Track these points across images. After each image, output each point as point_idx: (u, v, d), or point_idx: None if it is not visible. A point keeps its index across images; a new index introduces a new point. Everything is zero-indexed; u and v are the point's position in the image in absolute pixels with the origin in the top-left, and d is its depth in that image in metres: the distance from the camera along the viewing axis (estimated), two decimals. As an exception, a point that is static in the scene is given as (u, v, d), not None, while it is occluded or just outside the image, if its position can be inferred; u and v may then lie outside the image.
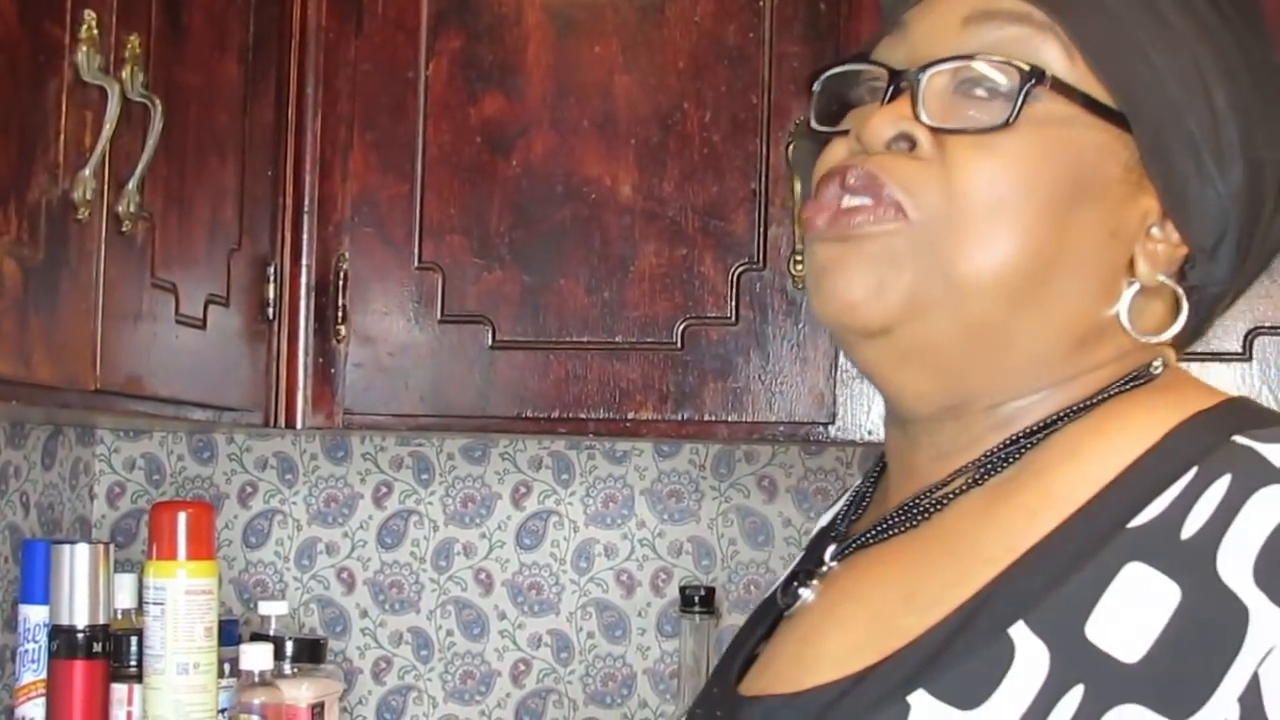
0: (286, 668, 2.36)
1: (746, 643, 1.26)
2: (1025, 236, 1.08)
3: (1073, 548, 1.02)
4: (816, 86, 1.20)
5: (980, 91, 1.10)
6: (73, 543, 2.13)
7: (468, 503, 2.73)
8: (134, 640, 2.15)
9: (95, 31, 1.68)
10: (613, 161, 2.19)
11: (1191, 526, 0.98)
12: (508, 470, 2.72)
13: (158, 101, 1.78)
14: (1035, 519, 1.06)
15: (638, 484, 2.69)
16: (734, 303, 2.15)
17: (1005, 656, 1.00)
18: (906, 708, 1.01)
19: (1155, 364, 1.14)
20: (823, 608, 1.17)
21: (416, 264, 2.25)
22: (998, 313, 1.09)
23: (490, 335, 2.22)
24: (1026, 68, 1.08)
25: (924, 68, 1.11)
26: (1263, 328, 1.99)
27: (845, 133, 1.15)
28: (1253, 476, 0.99)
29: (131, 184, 1.76)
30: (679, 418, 2.17)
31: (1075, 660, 0.98)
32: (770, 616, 1.26)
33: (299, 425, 2.27)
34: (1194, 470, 1.01)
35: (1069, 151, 1.09)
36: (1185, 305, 1.14)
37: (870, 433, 2.11)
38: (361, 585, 2.75)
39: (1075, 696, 0.97)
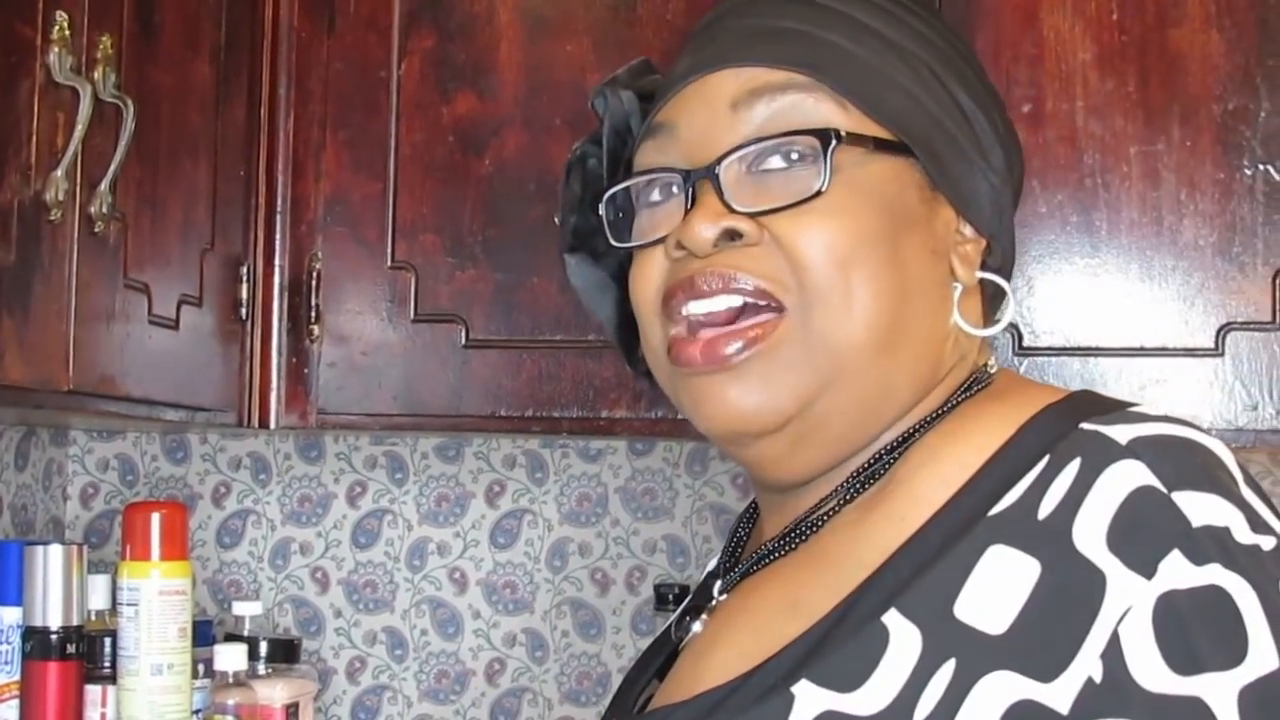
0: (261, 668, 2.35)
1: (640, 680, 1.33)
2: (878, 283, 1.14)
3: (938, 540, 1.08)
4: (606, 208, 1.25)
5: (773, 166, 1.16)
6: (46, 544, 2.13)
7: (442, 502, 2.73)
8: (108, 641, 2.14)
9: (67, 32, 1.68)
10: (585, 160, 2.19)
11: (1047, 507, 1.04)
12: (482, 469, 2.72)
13: (130, 102, 1.78)
14: (903, 522, 1.12)
15: (612, 482, 2.69)
16: (707, 300, 2.15)
17: (880, 641, 1.06)
18: (790, 697, 1.06)
19: (990, 365, 1.24)
20: (712, 631, 1.23)
21: (389, 263, 2.24)
22: (878, 366, 1.15)
23: (463, 334, 2.22)
24: (821, 131, 1.14)
25: (719, 160, 1.16)
26: (1235, 323, 2.00)
27: (645, 247, 1.21)
28: (1100, 456, 1.05)
29: (104, 184, 1.76)
30: (652, 416, 2.17)
31: (945, 637, 1.04)
32: (663, 654, 1.32)
33: (272, 425, 2.26)
34: (1046, 458, 1.07)
35: (877, 192, 1.15)
36: (1008, 288, 1.24)
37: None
38: (336, 585, 2.74)
39: (948, 670, 1.03)
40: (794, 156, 1.16)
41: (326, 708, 2.72)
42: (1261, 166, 2.00)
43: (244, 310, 2.23)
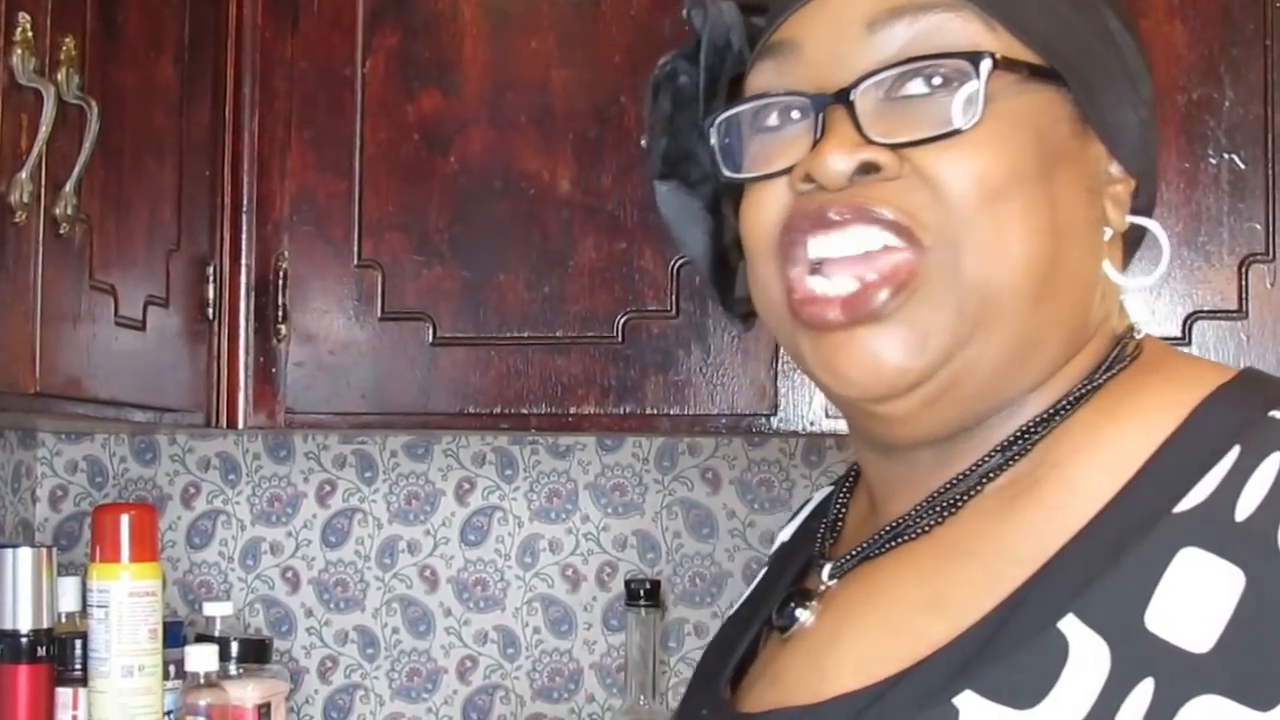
0: (232, 668, 2.35)
1: (723, 670, 1.20)
2: (1032, 221, 1.02)
3: (1112, 538, 0.97)
4: (715, 134, 1.12)
5: (915, 93, 1.04)
6: (15, 546, 2.12)
7: (411, 500, 2.72)
8: (78, 643, 2.14)
9: (30, 34, 1.68)
10: (551, 156, 2.19)
11: (1246, 507, 0.93)
12: (451, 467, 2.72)
13: (94, 103, 1.77)
14: (1061, 512, 1.01)
15: (581, 478, 2.69)
16: (674, 296, 2.15)
17: (1058, 651, 0.95)
18: (953, 711, 0.95)
19: (1136, 330, 1.12)
20: (830, 623, 1.11)
21: (356, 262, 2.24)
22: (1032, 314, 1.03)
23: (431, 332, 2.21)
24: (974, 55, 1.02)
25: (855, 85, 1.03)
26: (1201, 312, 2.01)
27: (765, 178, 1.08)
28: None
29: (68, 186, 1.75)
30: (621, 411, 2.17)
31: (1139, 653, 0.93)
32: (745, 641, 1.21)
33: (241, 425, 2.26)
34: (1236, 450, 0.96)
35: (1029, 123, 1.03)
36: (1162, 235, 1.13)
37: (812, 423, 2.11)
38: (306, 584, 2.74)
39: (1146, 691, 0.92)
40: (938, 83, 1.03)
41: (298, 707, 2.72)
42: (1226, 156, 2.01)
43: (211, 310, 2.22)
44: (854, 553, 1.12)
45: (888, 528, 1.10)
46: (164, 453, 2.77)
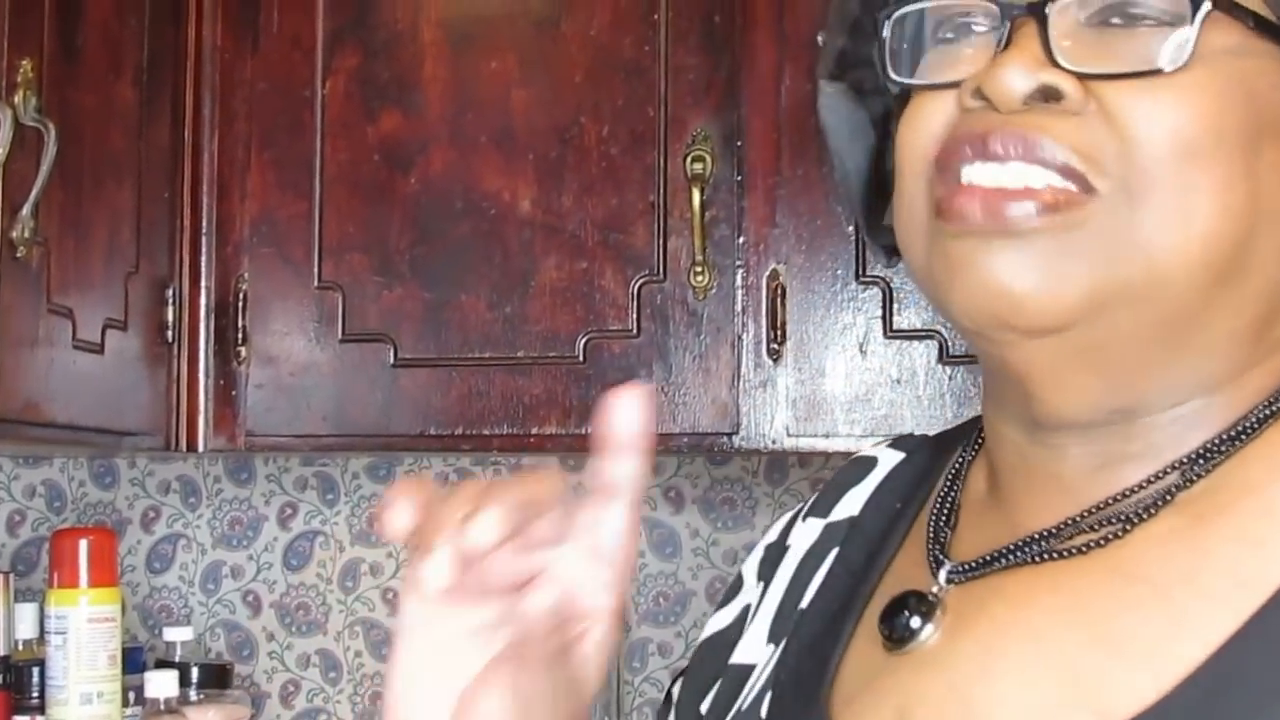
0: (193, 694, 2.33)
1: (818, 685, 1.01)
2: (1226, 194, 0.86)
3: None
4: (890, 31, 0.95)
5: (1119, 22, 0.88)
6: (-28, 572, 2.11)
7: (374, 522, 2.71)
8: (36, 670, 2.13)
9: (-14, 56, 1.67)
10: (511, 176, 2.19)
11: None
12: (413, 488, 2.70)
13: (51, 126, 1.77)
14: (1265, 548, 0.86)
15: (544, 499, 2.68)
16: (635, 315, 2.15)
17: None
18: None
19: None
20: (967, 644, 0.93)
21: (317, 283, 2.24)
22: (1200, 296, 0.87)
23: (392, 353, 2.21)
24: None
25: None
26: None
27: (932, 88, 0.92)
28: None
29: (26, 209, 1.75)
30: (583, 431, 2.16)
31: None
32: (838, 649, 1.01)
33: (201, 448, 2.25)
34: None
35: (1244, 84, 0.87)
36: None
37: (774, 442, 2.11)
38: (268, 608, 2.73)
39: None
40: (1145, 17, 0.87)
41: (260, 732, 2.71)
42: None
43: (170, 333, 2.21)
44: (986, 560, 0.94)
45: (1034, 539, 0.92)
46: (123, 476, 2.75)
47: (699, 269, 2.11)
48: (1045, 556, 0.91)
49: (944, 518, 1.00)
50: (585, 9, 2.19)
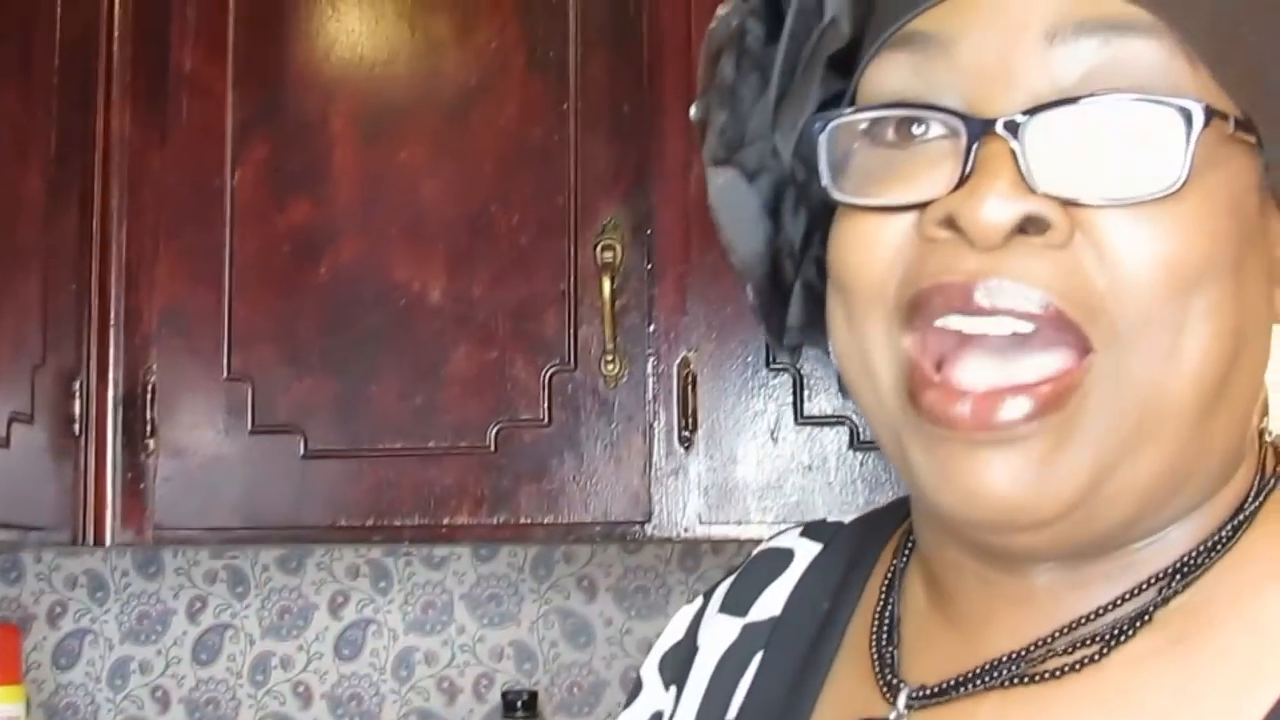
0: (100, 791, 2.31)
1: None
2: (1218, 322, 0.79)
3: None
4: (826, 141, 0.84)
5: (1103, 136, 0.79)
6: (-126, 670, 2.08)
7: (284, 614, 2.69)
8: (-60, 769, 2.10)
9: (-112, 146, 1.66)
10: (422, 265, 2.19)
11: None
12: (324, 580, 2.69)
13: (-45, 216, 1.76)
14: (1256, 671, 0.80)
15: (456, 589, 2.67)
16: (546, 404, 2.15)
17: None
18: None
19: (1269, 428, 0.88)
20: None
21: (226, 374, 2.22)
22: (1195, 433, 0.80)
23: (302, 444, 2.19)
24: (1188, 107, 0.77)
25: (1029, 114, 0.78)
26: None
27: (890, 210, 0.82)
28: None
29: (-71, 300, 1.73)
30: (495, 521, 2.16)
31: None
32: None
33: (109, 542, 2.23)
34: None
35: (1227, 197, 0.80)
36: None
37: (686, 529, 2.11)
38: (177, 704, 2.69)
39: None
40: (1131, 131, 0.78)
41: (169, 829, 2.67)
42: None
43: (78, 426, 2.20)
44: (951, 684, 0.86)
45: (1002, 661, 0.85)
46: (29, 571, 2.72)
47: (610, 357, 2.11)
48: (1017, 681, 0.84)
49: (885, 634, 0.92)
50: (495, 98, 2.19)
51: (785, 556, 1.04)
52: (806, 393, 2.08)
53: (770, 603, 1.02)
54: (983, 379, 0.78)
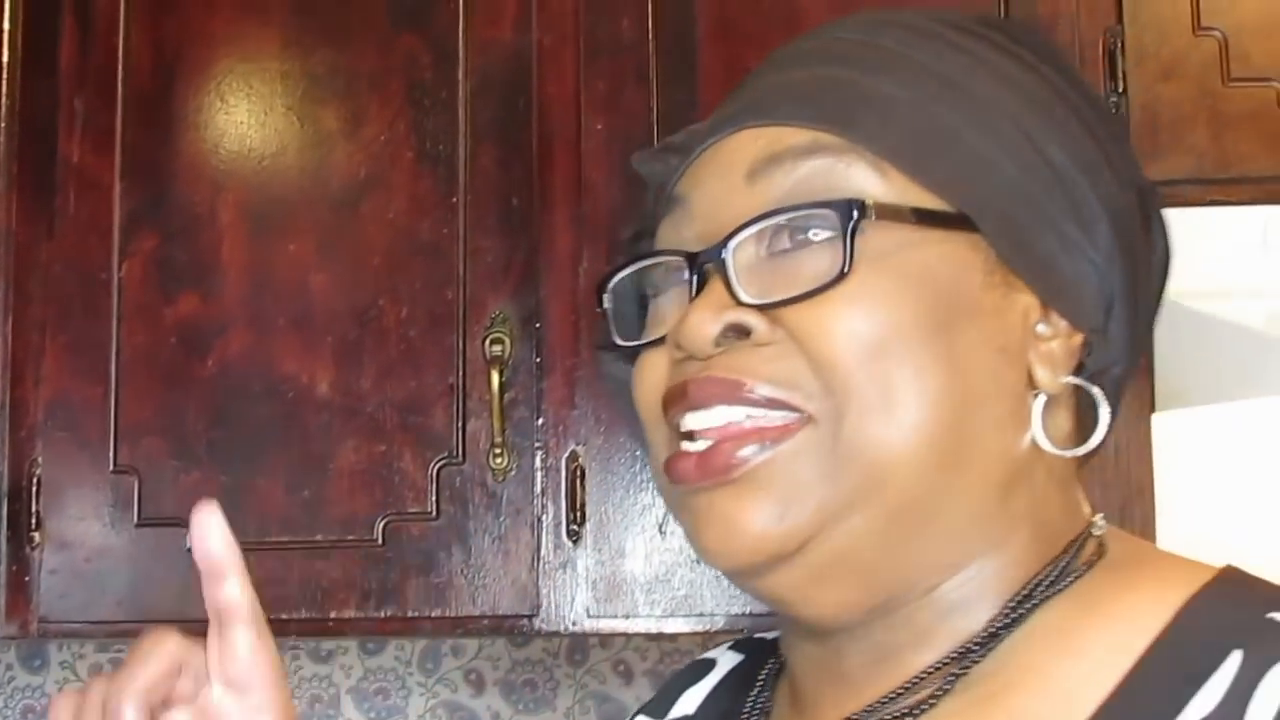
0: None
1: None
2: (926, 382, 0.90)
3: None
4: (609, 300, 1.03)
5: (790, 248, 0.93)
6: None
7: None
8: None
9: None
10: (310, 359, 2.18)
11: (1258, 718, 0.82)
12: (211, 673, 2.66)
13: None
14: None
15: (344, 683, 2.65)
16: (434, 497, 2.15)
17: None
18: None
19: (1097, 522, 0.99)
20: None
21: (112, 467, 2.21)
22: (922, 484, 0.91)
23: (189, 537, 2.18)
24: (840, 204, 0.91)
25: (724, 241, 0.93)
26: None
27: (647, 346, 0.99)
28: None
29: None
30: (382, 615, 2.15)
31: None
32: None
33: (-8, 636, 2.20)
34: (1238, 655, 0.85)
35: (920, 274, 0.92)
36: (1102, 400, 0.97)
37: (574, 623, 2.11)
38: (60, 799, 2.65)
39: None
40: (813, 235, 0.92)
41: None
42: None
43: (-40, 519, 2.17)
44: None
45: None
46: (-89, 665, 2.68)
47: (498, 451, 2.11)
48: None
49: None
50: (384, 191, 2.20)
51: (707, 665, 1.17)
52: (693, 485, 2.08)
53: (686, 704, 1.15)
54: (704, 443, 0.93)
